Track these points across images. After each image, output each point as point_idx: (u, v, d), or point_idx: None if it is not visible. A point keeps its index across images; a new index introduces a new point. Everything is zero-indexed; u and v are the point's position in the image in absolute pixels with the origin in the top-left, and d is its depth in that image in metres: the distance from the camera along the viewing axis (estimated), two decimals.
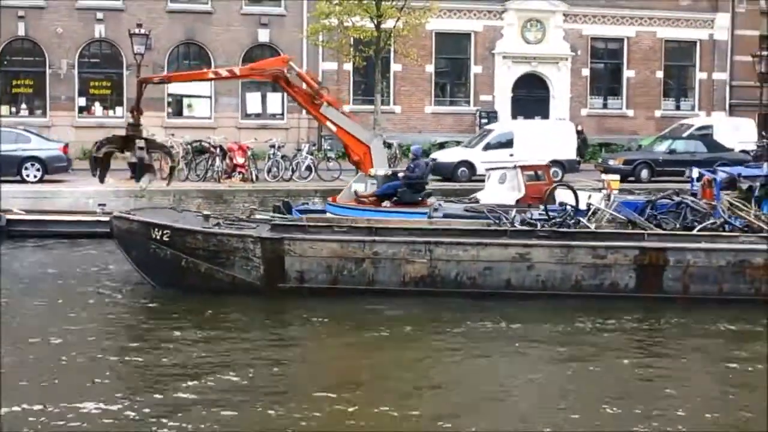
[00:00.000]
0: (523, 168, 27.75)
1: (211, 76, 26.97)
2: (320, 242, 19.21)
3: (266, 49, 44.26)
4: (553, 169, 32.88)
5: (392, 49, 43.00)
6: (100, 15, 42.94)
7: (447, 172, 37.62)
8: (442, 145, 43.83)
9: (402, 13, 38.21)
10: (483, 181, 30.58)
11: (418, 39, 42.35)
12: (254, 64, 27.36)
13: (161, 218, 20.50)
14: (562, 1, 47.63)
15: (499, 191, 27.22)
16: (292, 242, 19.20)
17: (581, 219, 20.63)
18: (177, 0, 43.82)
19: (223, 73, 26.82)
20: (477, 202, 25.62)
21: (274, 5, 45.02)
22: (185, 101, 44.73)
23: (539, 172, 28.63)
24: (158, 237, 19.70)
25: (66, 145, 34.53)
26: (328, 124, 25.84)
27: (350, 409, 12.92)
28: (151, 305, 19.25)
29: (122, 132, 25.19)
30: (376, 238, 19.24)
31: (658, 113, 49.17)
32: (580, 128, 42.32)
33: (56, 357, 15.11)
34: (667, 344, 16.84)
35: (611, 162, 39.75)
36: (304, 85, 25.98)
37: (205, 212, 20.64)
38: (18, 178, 32.16)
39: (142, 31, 36.31)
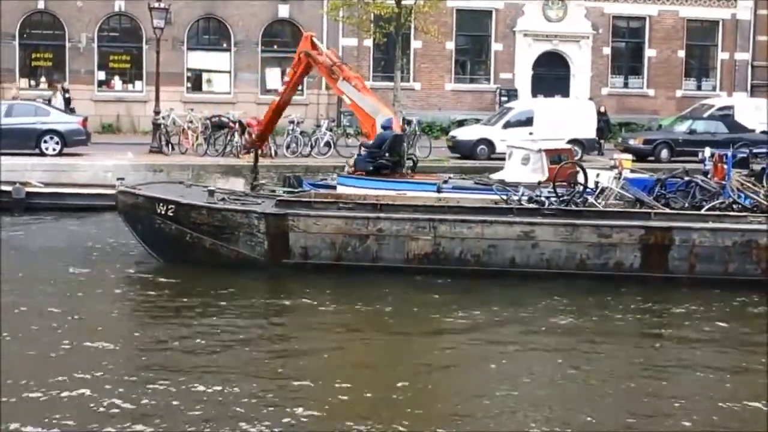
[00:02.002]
0: (547, 152, 27.68)
1: (276, 99, 27.85)
2: (324, 218, 19.22)
3: (286, 24, 44.32)
4: (573, 149, 32.76)
5: (413, 26, 42.77)
6: None
7: (466, 150, 37.56)
8: (461, 123, 43.76)
9: None
10: (502, 159, 30.52)
11: (438, 16, 42.20)
12: (293, 63, 28.12)
13: (167, 193, 20.57)
14: None
15: (521, 172, 27.13)
16: (297, 218, 19.22)
17: (588, 197, 20.56)
18: None
19: (281, 89, 27.51)
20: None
21: None
22: (204, 76, 44.77)
23: (562, 155, 28.55)
24: (163, 212, 19.77)
25: (85, 119, 34.66)
26: (344, 97, 26.40)
27: (348, 386, 12.98)
28: (155, 280, 19.32)
29: None
30: (381, 214, 19.23)
31: (679, 93, 48.86)
32: (603, 109, 42.15)
33: (56, 330, 15.23)
34: (669, 327, 16.78)
35: (631, 141, 39.63)
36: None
37: (211, 187, 20.66)
38: (37, 151, 32.26)
39: (162, 5, 36.23)
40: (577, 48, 47.81)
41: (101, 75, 43.41)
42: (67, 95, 38.72)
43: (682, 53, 48.97)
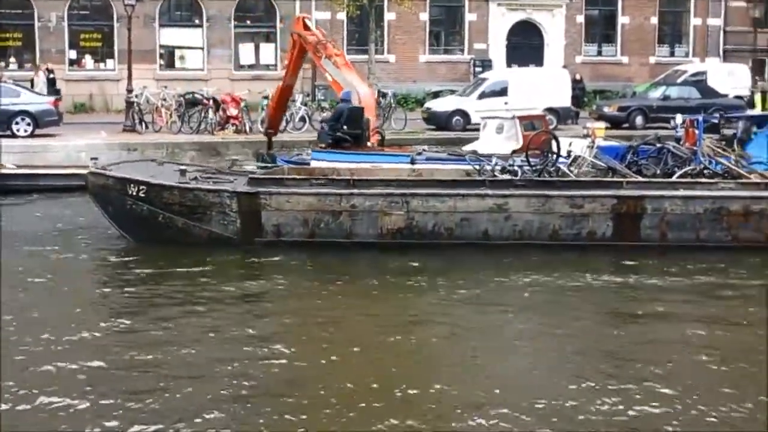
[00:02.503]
0: (521, 118, 27.73)
1: (280, 84, 28.88)
2: (297, 196, 19.19)
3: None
4: (548, 117, 32.85)
5: None
6: None
7: (441, 122, 37.72)
8: (436, 94, 43.80)
9: None
10: (478, 130, 30.58)
11: None
12: (288, 46, 28.84)
13: (138, 173, 20.47)
14: None
15: (496, 141, 27.16)
16: (269, 196, 19.19)
17: (561, 166, 20.60)
18: None
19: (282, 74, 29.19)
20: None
21: None
22: (177, 53, 44.62)
23: (535, 122, 28.59)
24: (134, 193, 19.67)
25: (57, 99, 34.52)
26: (327, 75, 26.83)
27: (317, 362, 12.98)
28: (128, 260, 19.32)
29: None
30: (354, 190, 19.21)
31: (652, 60, 49.04)
32: (578, 77, 42.24)
33: (28, 311, 15.17)
34: (641, 298, 16.79)
35: (606, 109, 39.86)
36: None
37: (182, 166, 20.59)
38: (8, 132, 32.08)
39: None
40: (550, 17, 47.85)
41: (72, 54, 43.17)
42: (51, 75, 38.70)
43: (654, 20, 49.09)
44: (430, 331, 14.57)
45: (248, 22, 45.00)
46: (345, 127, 23.81)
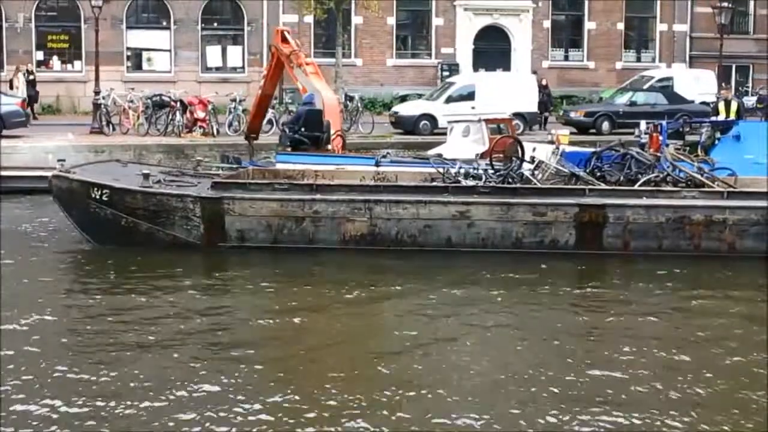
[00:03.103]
0: (487, 121, 27.81)
1: (259, 92, 28.65)
2: (260, 201, 19.20)
3: (226, 1, 44.18)
4: (515, 122, 32.99)
5: (353, 1, 42.87)
6: None
7: (409, 126, 37.79)
8: (403, 98, 43.86)
9: None
10: (445, 134, 30.66)
11: None
12: (266, 68, 29.08)
13: (102, 176, 20.40)
14: None
15: (463, 144, 27.22)
16: (232, 201, 19.19)
17: (524, 172, 20.68)
18: None
19: (261, 83, 28.75)
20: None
21: None
22: (145, 55, 44.55)
23: (502, 126, 28.71)
24: (98, 197, 19.62)
25: (24, 100, 34.44)
26: (298, 83, 26.89)
27: (286, 361, 13.14)
28: (90, 263, 19.33)
29: None
30: (316, 196, 19.23)
31: (619, 65, 49.30)
32: (545, 83, 42.41)
33: None
34: (601, 308, 16.84)
35: (572, 114, 40.05)
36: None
37: (145, 170, 20.52)
38: None
39: None
40: (517, 21, 48.00)
41: (39, 55, 43.08)
42: (31, 77, 38.62)
43: (621, 25, 49.33)
44: (395, 330, 14.71)
45: (215, 24, 44.99)
46: (303, 129, 23.80)
